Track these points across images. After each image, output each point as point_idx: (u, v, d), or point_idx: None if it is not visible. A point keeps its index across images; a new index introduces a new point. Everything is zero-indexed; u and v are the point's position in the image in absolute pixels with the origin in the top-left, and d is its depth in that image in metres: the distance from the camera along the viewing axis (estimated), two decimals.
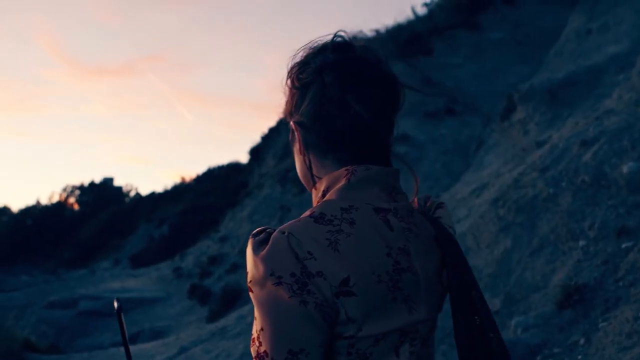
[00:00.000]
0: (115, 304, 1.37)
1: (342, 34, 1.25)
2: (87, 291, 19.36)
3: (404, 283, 1.14)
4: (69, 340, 14.93)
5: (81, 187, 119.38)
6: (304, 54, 1.26)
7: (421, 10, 18.90)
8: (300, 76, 1.23)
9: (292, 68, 1.26)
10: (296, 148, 1.28)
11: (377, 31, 18.56)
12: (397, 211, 1.19)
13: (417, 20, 18.28)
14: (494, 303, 5.80)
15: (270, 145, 25.13)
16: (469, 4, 17.30)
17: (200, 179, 52.37)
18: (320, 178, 1.24)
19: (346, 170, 1.19)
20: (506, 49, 16.19)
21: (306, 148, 1.24)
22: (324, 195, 1.22)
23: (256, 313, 1.11)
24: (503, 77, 15.03)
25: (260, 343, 1.10)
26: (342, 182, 1.19)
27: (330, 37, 1.25)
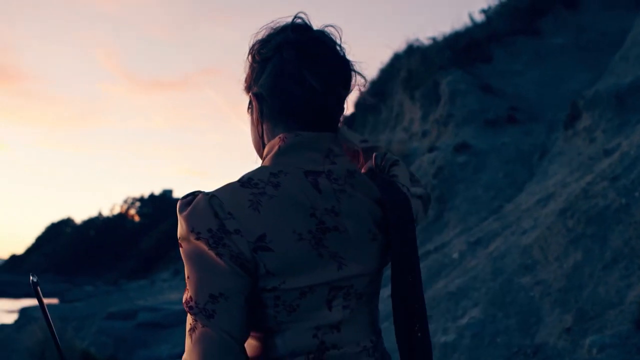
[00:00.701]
0: (32, 279, 1.41)
1: (302, 15, 1.35)
2: (146, 302, 19.55)
3: (329, 241, 1.25)
4: (128, 351, 15.04)
5: (141, 199, 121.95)
6: (266, 33, 1.37)
7: (479, 17, 18.52)
8: (261, 51, 1.34)
9: (253, 45, 1.37)
10: (252, 118, 1.41)
11: (433, 39, 18.31)
12: (331, 173, 1.29)
13: (475, 26, 17.91)
14: (566, 320, 5.50)
15: None
16: (529, 9, 16.84)
17: None
18: None
19: (279, 138, 1.32)
20: (568, 55, 15.68)
21: (261, 118, 1.37)
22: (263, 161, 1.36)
23: (185, 265, 1.22)
24: (565, 83, 14.56)
25: (187, 290, 1.22)
26: (275, 149, 1.32)
27: (290, 18, 1.36)
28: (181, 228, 1.22)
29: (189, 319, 1.21)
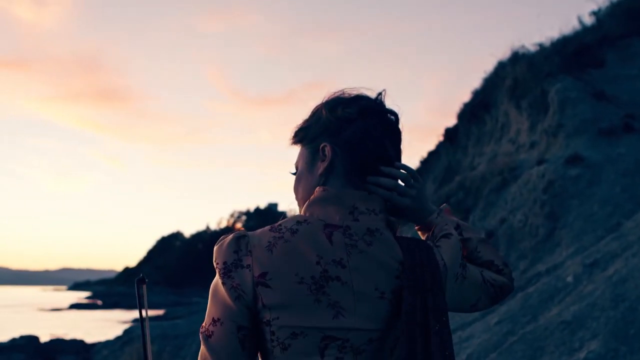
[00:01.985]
0: (139, 277, 1.60)
1: (383, 92, 1.52)
2: None
3: (330, 289, 1.32)
4: None
5: (247, 213, 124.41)
6: (347, 95, 1.51)
7: (589, 20, 17.45)
8: (346, 110, 1.46)
9: (332, 100, 1.50)
10: (311, 168, 1.50)
11: (540, 45, 17.43)
12: (349, 228, 1.38)
13: (585, 30, 16.90)
14: None
15: (430, 170, 24.30)
16: None
17: None
18: None
19: (315, 190, 1.46)
20: None
21: (329, 170, 1.46)
22: None
23: None
24: None
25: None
26: (309, 200, 1.45)
27: (364, 90, 1.53)
28: (213, 258, 1.42)
29: None
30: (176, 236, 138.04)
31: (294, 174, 1.60)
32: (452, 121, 23.85)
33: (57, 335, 40.08)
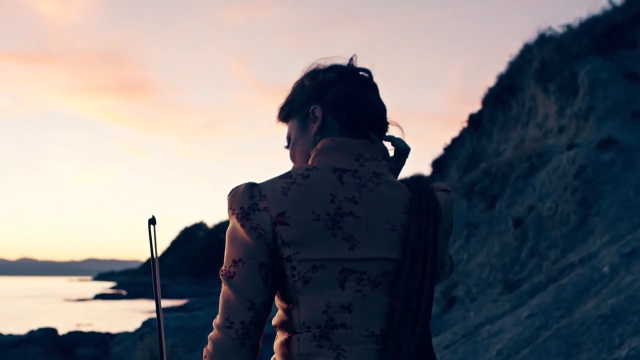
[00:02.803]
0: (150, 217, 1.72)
1: (354, 57, 1.66)
2: (273, 311, 19.07)
3: (345, 224, 1.44)
4: None
5: None
6: (323, 64, 1.66)
7: None
8: (326, 74, 1.62)
9: (312, 70, 1.66)
10: (304, 131, 1.63)
11: (568, 26, 16.82)
12: (357, 172, 1.52)
13: (615, 9, 16.28)
14: None
15: (454, 157, 23.75)
16: None
17: None
18: None
19: (320, 142, 1.58)
20: None
21: (322, 129, 1.60)
22: None
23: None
24: None
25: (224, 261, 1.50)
26: (315, 151, 1.58)
27: (341, 60, 1.66)
28: (227, 207, 1.48)
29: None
30: (199, 226, 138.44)
31: (288, 145, 1.72)
32: (475, 108, 23.29)
33: (82, 325, 40.32)
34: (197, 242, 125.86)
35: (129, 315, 49.17)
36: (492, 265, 12.16)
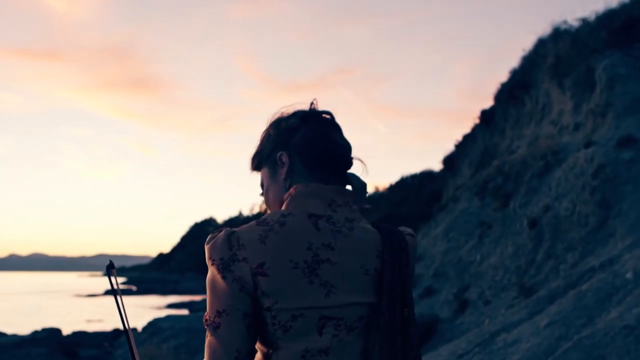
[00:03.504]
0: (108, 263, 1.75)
1: (314, 101, 1.71)
2: None
3: (322, 271, 1.47)
4: None
5: None
6: (286, 112, 1.70)
7: None
8: (289, 121, 1.66)
9: (276, 120, 1.70)
10: (275, 178, 1.67)
11: (584, 20, 16.36)
12: (331, 217, 1.55)
13: (633, 2, 15.79)
14: None
15: (466, 154, 23.33)
16: None
17: (393, 188, 51.86)
18: None
19: (293, 188, 1.60)
20: None
21: (290, 174, 1.63)
22: None
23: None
24: None
25: (207, 309, 1.51)
26: (289, 197, 1.60)
27: (302, 106, 1.71)
28: (206, 257, 1.52)
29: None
30: (209, 222, 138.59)
31: (262, 193, 1.74)
32: (487, 104, 22.83)
33: (92, 321, 40.19)
34: (206, 237, 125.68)
35: (138, 312, 49.09)
36: (507, 267, 11.76)
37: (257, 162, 1.73)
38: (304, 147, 1.64)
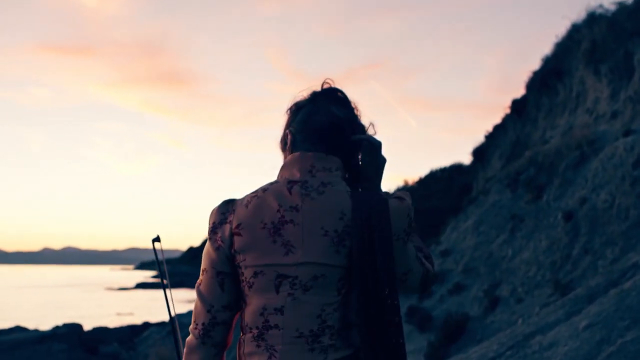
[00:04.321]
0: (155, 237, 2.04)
1: (329, 80, 1.81)
2: None
3: (285, 231, 1.60)
4: None
5: None
6: (300, 96, 1.83)
7: None
8: (298, 102, 1.81)
9: (291, 104, 1.83)
10: (285, 152, 1.79)
11: (620, 3, 15.62)
12: (306, 182, 1.65)
13: None
14: None
15: (496, 145, 22.64)
16: None
17: (422, 182, 51.33)
18: None
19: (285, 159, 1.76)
20: None
21: (292, 147, 1.75)
22: None
23: None
24: None
25: None
26: (281, 166, 1.75)
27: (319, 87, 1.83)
28: None
29: None
30: None
31: None
32: (518, 95, 22.11)
33: (122, 314, 40.35)
34: None
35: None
36: (540, 263, 11.17)
37: (281, 146, 1.83)
38: (302, 122, 1.75)
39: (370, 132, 1.80)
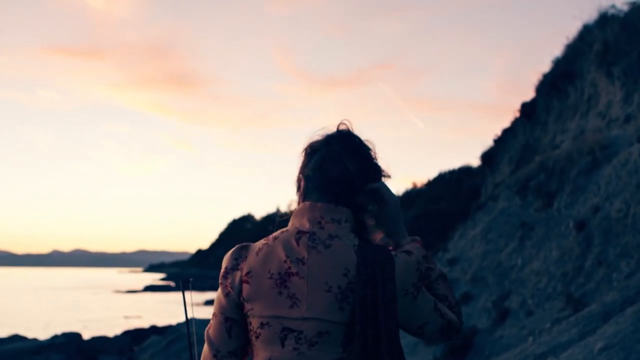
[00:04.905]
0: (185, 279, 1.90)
1: (346, 122, 1.80)
2: None
3: (291, 283, 1.59)
4: None
5: None
6: (315, 138, 1.80)
7: None
8: (313, 145, 1.77)
9: (308, 144, 1.80)
10: (299, 197, 1.77)
11: (634, 3, 15.18)
12: (314, 234, 1.64)
13: None
14: None
15: (505, 150, 22.16)
16: None
17: (431, 184, 50.89)
18: None
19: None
20: None
21: (305, 193, 1.74)
22: None
23: None
24: None
25: None
26: (292, 214, 1.74)
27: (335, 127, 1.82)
28: None
29: None
30: (247, 218, 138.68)
31: None
32: (527, 96, 21.62)
33: (130, 317, 40.10)
34: (244, 234, 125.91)
35: (175, 308, 48.99)
36: (551, 274, 10.71)
37: (295, 185, 1.83)
38: (314, 170, 1.73)
39: (386, 176, 1.79)
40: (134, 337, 27.82)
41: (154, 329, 28.38)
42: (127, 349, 16.46)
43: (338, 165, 1.69)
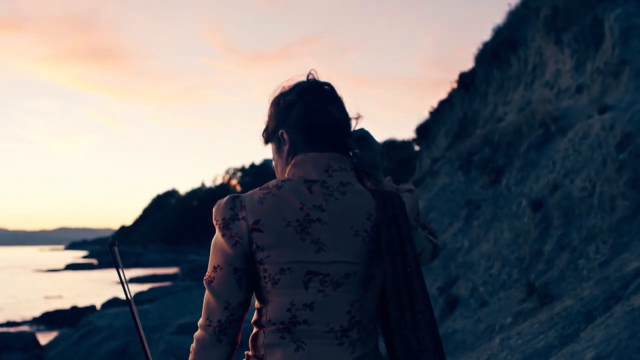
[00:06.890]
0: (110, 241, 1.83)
1: (313, 72, 1.76)
2: None
3: (312, 229, 1.57)
4: None
5: (242, 169, 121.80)
6: (285, 87, 1.77)
7: None
8: (286, 98, 1.72)
9: (277, 96, 1.77)
10: (280, 154, 1.75)
11: None
12: (325, 182, 1.63)
13: None
14: None
15: (442, 122, 21.25)
16: None
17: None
18: None
19: (294, 158, 1.70)
20: None
21: (293, 149, 1.70)
22: None
23: None
24: None
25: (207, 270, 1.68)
26: (289, 166, 1.70)
27: (304, 77, 1.76)
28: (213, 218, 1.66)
29: None
30: (172, 194, 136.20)
31: (273, 165, 1.84)
32: (454, 74, 20.69)
33: (51, 297, 38.29)
34: (169, 209, 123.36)
35: (98, 287, 47.30)
36: (504, 258, 9.73)
37: (265, 139, 1.81)
38: (301, 123, 1.70)
39: (358, 118, 1.77)
40: (54, 320, 26.24)
41: (74, 311, 26.81)
42: (32, 345, 14.86)
43: (325, 116, 1.70)
